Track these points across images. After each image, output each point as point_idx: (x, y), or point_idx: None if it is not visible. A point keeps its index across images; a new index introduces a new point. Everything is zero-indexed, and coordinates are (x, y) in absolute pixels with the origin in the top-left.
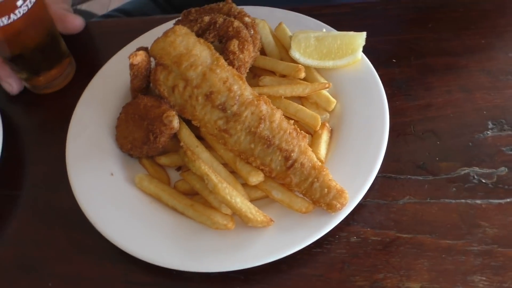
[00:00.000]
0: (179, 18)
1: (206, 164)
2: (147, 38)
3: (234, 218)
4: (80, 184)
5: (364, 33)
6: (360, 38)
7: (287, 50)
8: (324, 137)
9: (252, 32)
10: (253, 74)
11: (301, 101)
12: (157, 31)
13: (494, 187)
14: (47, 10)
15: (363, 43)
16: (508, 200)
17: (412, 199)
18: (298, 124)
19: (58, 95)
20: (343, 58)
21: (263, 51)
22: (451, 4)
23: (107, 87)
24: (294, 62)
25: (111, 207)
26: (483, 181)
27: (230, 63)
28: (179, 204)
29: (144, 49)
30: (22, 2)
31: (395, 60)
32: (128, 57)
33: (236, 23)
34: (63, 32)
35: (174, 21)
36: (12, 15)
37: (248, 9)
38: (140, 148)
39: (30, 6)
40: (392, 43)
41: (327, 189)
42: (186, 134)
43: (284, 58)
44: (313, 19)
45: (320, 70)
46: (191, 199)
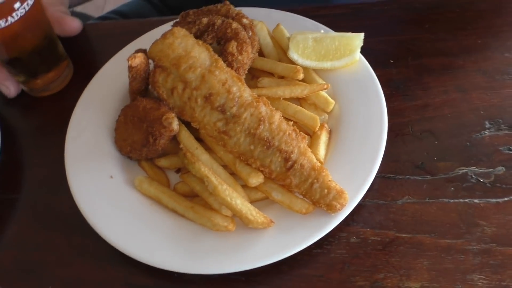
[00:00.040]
0: (177, 20)
1: (206, 166)
2: (144, 40)
3: (234, 219)
4: (80, 187)
5: (362, 34)
6: (358, 39)
7: (285, 51)
8: (323, 138)
9: (250, 34)
10: (251, 75)
11: (299, 102)
12: (154, 33)
13: (492, 186)
14: (45, 13)
15: (361, 44)
16: (506, 199)
17: (411, 199)
18: (297, 125)
19: (56, 97)
20: (341, 59)
21: (261, 53)
22: (447, 4)
23: (105, 89)
24: (292, 63)
25: (111, 210)
26: (481, 180)
27: (229, 65)
28: (179, 206)
29: (142, 51)
30: (20, 5)
31: (392, 61)
32: (127, 59)
33: (235, 24)
34: (61, 35)
35: (171, 23)
36: (9, 18)
37: (246, 10)
38: (140, 151)
39: (27, 8)
40: (389, 44)
41: (327, 189)
42: (186, 136)
43: (282, 60)
44: (310, 20)
45: (318, 71)
46: (191, 201)
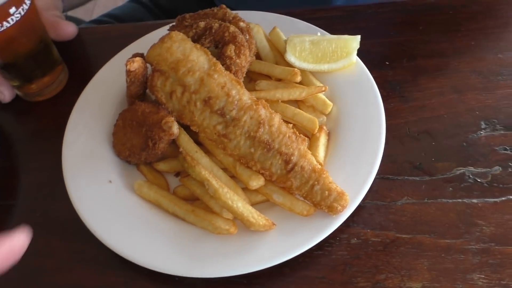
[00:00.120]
0: (173, 24)
1: (206, 169)
2: (140, 44)
3: (236, 222)
4: (78, 192)
5: (359, 36)
6: (354, 42)
7: (281, 54)
8: (322, 140)
9: (247, 37)
10: (248, 78)
11: (297, 104)
12: (150, 37)
13: (489, 186)
14: (40, 17)
15: (358, 46)
16: (503, 198)
17: (410, 200)
18: (295, 127)
19: (51, 102)
20: (338, 61)
21: (258, 56)
22: (440, 7)
23: (102, 94)
24: (289, 66)
25: (111, 215)
26: (479, 180)
27: (227, 68)
28: (179, 210)
29: (140, 55)
30: (15, 10)
31: (388, 63)
32: (125, 63)
33: (232, 28)
34: (56, 39)
35: (167, 26)
36: (5, 23)
37: (241, 13)
38: (139, 155)
39: (23, 13)
40: (384, 46)
41: (327, 191)
42: (185, 140)
43: (279, 62)
44: (305, 22)
45: (315, 74)
46: (191, 204)
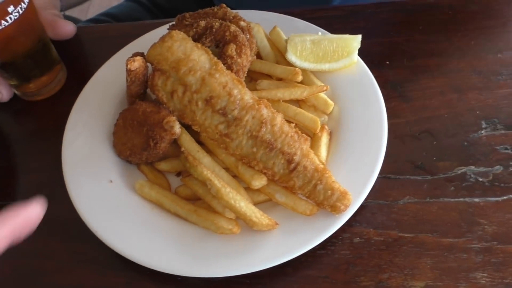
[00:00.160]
0: (173, 23)
1: (208, 169)
2: (139, 43)
3: (239, 222)
4: (79, 192)
5: (359, 35)
6: (355, 41)
7: (282, 53)
8: (324, 139)
9: (248, 36)
10: (249, 78)
11: (298, 104)
12: (149, 36)
13: (490, 185)
14: (38, 16)
15: (359, 45)
16: (504, 197)
17: (412, 199)
18: (297, 127)
19: (49, 102)
20: (339, 60)
21: (258, 55)
22: (439, 6)
23: (102, 93)
24: (290, 65)
25: (112, 215)
26: (480, 179)
27: (228, 68)
28: (181, 210)
29: (140, 54)
30: (14, 8)
31: (388, 62)
32: (126, 62)
33: (233, 27)
34: (54, 38)
35: (167, 25)
36: (3, 22)
37: (240, 13)
38: (140, 155)
39: (21, 12)
40: (384, 46)
41: (330, 191)
42: (187, 139)
43: (280, 62)
44: (306, 22)
45: (316, 73)
46: (193, 204)
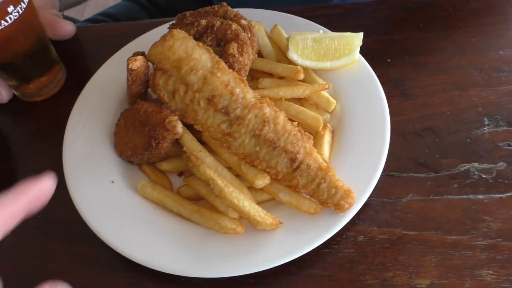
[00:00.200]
0: (173, 22)
1: (211, 168)
2: (139, 43)
3: (242, 221)
4: (80, 193)
5: (361, 33)
6: (357, 39)
7: (283, 52)
8: (327, 137)
9: (249, 35)
10: (251, 76)
11: (300, 102)
12: (149, 36)
13: (494, 182)
14: (37, 16)
15: (360, 43)
16: (508, 194)
17: (415, 197)
18: (299, 125)
19: (49, 102)
20: (340, 58)
21: (259, 54)
22: (440, 4)
23: (102, 93)
24: (292, 63)
25: (114, 215)
26: (483, 176)
27: (230, 66)
28: (184, 210)
29: (141, 53)
30: (13, 8)
31: (389, 60)
32: (127, 62)
33: (234, 26)
34: (54, 38)
35: (167, 25)
36: (2, 22)
37: (240, 11)
38: (141, 155)
39: (21, 12)
40: (385, 43)
41: (334, 189)
42: (189, 139)
43: (281, 60)
44: (306, 20)
45: (317, 71)
46: (196, 204)
